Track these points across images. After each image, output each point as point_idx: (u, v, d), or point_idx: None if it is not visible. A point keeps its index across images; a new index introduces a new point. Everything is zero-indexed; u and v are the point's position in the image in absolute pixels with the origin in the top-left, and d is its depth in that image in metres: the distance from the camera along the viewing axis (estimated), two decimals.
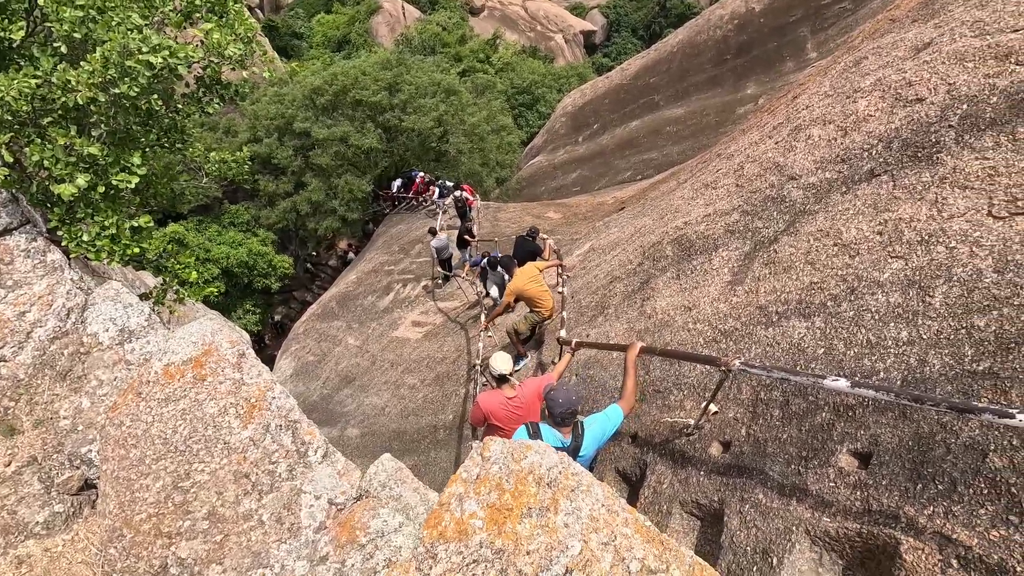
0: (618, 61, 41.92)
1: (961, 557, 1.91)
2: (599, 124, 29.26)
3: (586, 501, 1.19)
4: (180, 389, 2.82)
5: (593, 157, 27.59)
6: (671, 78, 26.74)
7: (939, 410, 1.88)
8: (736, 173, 5.76)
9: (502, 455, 1.30)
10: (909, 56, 4.62)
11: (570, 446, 3.00)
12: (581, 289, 7.60)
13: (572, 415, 3.01)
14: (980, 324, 2.46)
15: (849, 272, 3.29)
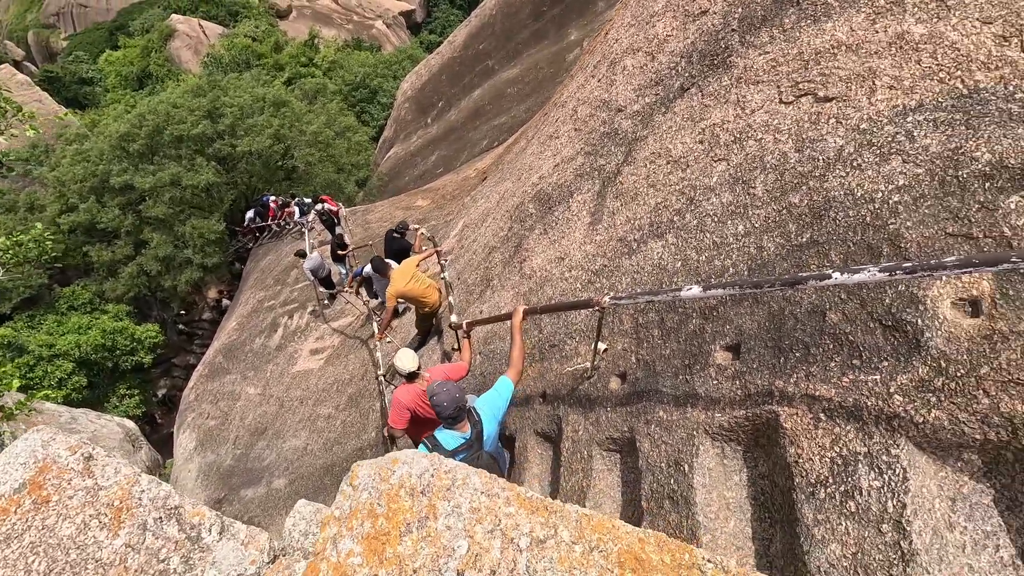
0: (444, 35, 41.49)
1: (826, 410, 2.13)
2: (443, 101, 28.95)
3: (464, 495, 1.14)
4: (21, 522, 2.39)
5: (447, 135, 27.34)
6: (498, 41, 26.94)
7: (774, 289, 2.04)
8: (572, 118, 5.92)
9: (370, 478, 1.20)
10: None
11: (472, 436, 2.99)
12: (465, 268, 7.55)
13: (461, 410, 3.02)
14: (796, 201, 2.71)
15: (685, 185, 3.50)
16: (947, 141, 2.33)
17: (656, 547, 1.10)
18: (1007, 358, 1.79)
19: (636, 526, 2.70)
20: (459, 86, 28.30)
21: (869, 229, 2.33)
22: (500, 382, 3.25)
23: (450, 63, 29.38)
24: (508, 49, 26.50)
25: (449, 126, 27.54)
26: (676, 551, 1.10)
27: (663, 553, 1.09)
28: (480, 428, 3.08)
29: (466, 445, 3.04)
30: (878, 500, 1.88)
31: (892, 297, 2.11)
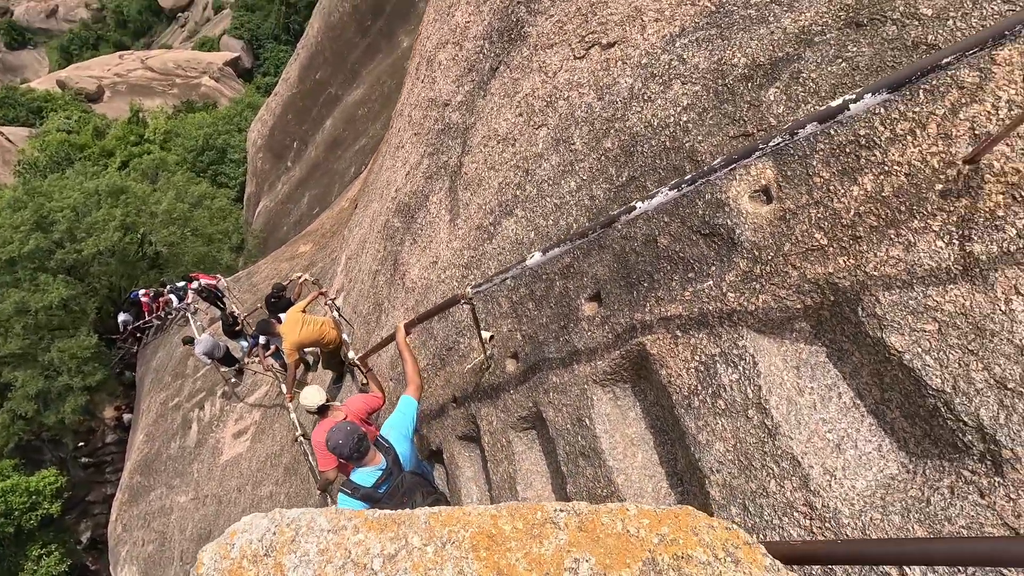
0: (279, 74, 39.76)
1: (680, 326, 2.27)
2: (297, 141, 27.84)
3: (311, 540, 1.09)
4: None
5: (312, 173, 26.34)
6: (333, 66, 26.25)
7: (596, 232, 2.14)
8: (410, 124, 5.88)
9: (213, 561, 1.12)
10: None
11: (388, 464, 2.93)
12: (357, 299, 7.34)
13: (361, 442, 2.93)
14: (609, 145, 2.86)
15: (518, 159, 3.59)
16: (711, 55, 2.54)
17: (508, 518, 1.11)
18: (800, 231, 1.99)
19: (559, 495, 2.74)
20: (308, 121, 27.32)
21: (671, 152, 2.50)
22: (402, 401, 3.20)
23: (292, 101, 28.26)
24: (346, 72, 25.90)
25: (311, 164, 26.54)
26: (527, 513, 1.13)
27: (515, 521, 1.11)
28: (394, 453, 3.02)
29: (385, 474, 2.97)
30: (739, 391, 2.03)
31: (703, 208, 2.28)
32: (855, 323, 1.85)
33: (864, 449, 1.80)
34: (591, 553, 1.02)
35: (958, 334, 1.61)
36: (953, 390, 1.58)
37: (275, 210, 27.64)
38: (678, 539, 1.06)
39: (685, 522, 1.12)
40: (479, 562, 1.01)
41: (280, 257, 17.99)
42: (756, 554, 1.07)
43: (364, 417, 4.12)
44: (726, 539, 1.09)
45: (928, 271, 1.70)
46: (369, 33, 24.92)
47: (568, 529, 1.07)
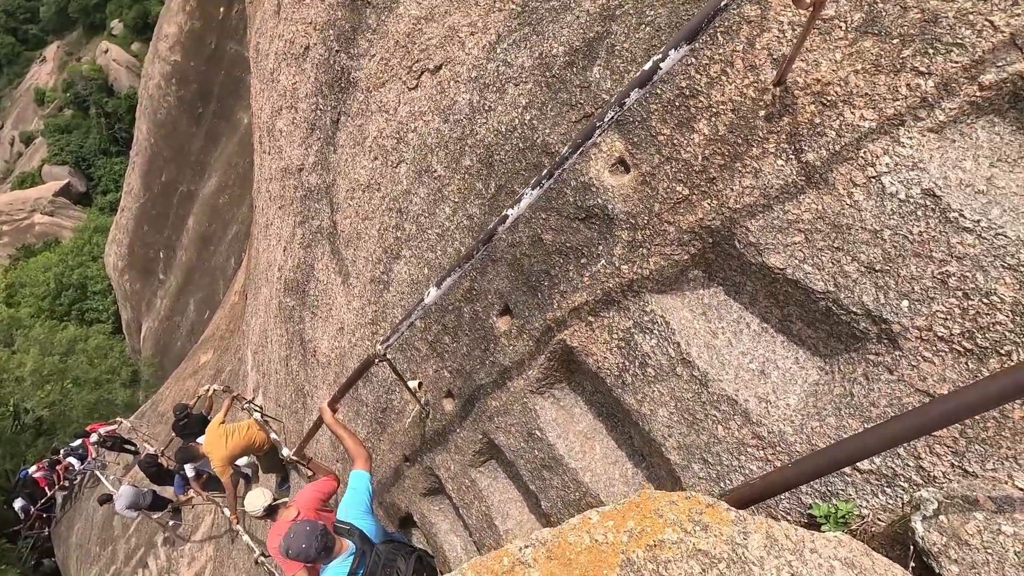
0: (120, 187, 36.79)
1: (590, 312, 2.30)
2: (163, 250, 25.89)
3: None
4: None
5: (190, 278, 24.57)
6: (176, 163, 24.74)
7: (480, 251, 2.11)
8: (272, 199, 5.62)
9: None
10: (275, 18, 4.90)
11: (357, 547, 2.71)
12: (277, 391, 6.87)
13: (324, 538, 2.69)
14: (468, 163, 2.86)
15: (388, 201, 3.51)
16: (532, 52, 2.61)
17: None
18: (663, 189, 2.08)
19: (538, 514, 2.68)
20: (168, 227, 25.52)
21: (526, 152, 2.54)
22: (352, 477, 2.99)
23: (143, 211, 26.28)
24: (192, 165, 24.50)
25: (186, 269, 24.76)
26: (493, 565, 1.06)
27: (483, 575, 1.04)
28: (358, 531, 2.80)
29: (357, 557, 2.74)
30: (662, 353, 2.08)
31: (572, 195, 2.33)
32: (737, 256, 1.95)
33: (785, 366, 1.89)
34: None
35: (822, 237, 1.73)
36: (836, 287, 1.70)
37: (161, 328, 25.46)
38: (645, 528, 1.04)
39: (647, 507, 1.10)
40: None
41: (183, 375, 16.56)
42: (720, 512, 1.07)
43: (319, 507, 3.81)
44: (689, 509, 1.08)
45: (779, 189, 1.82)
46: (203, 120, 23.77)
47: (538, 563, 1.02)
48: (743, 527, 1.05)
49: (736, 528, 1.04)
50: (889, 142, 1.64)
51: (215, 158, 23.94)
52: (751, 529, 1.05)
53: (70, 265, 33.29)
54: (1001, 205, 1.49)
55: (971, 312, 1.47)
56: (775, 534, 1.05)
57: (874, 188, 1.63)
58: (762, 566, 0.97)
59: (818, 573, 0.98)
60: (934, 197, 1.54)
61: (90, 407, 19.33)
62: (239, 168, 22.73)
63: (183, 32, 23.85)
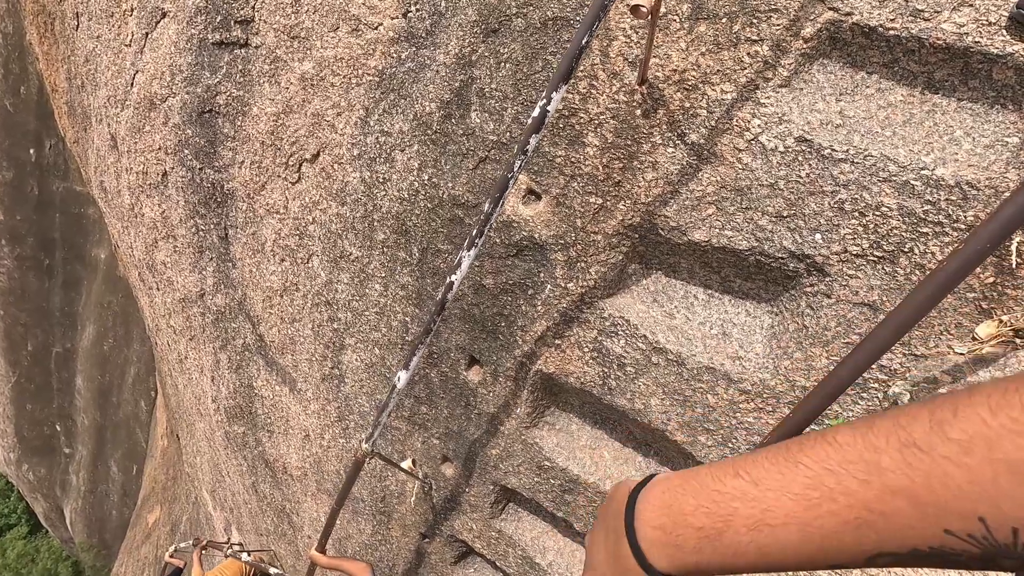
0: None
1: (555, 336, 2.38)
2: (57, 422, 23.18)
3: None
4: None
5: (100, 439, 22.16)
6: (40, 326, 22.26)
7: (436, 322, 2.13)
8: (177, 333, 5.24)
9: None
10: (113, 153, 4.58)
11: None
12: (254, 521, 6.40)
13: None
14: (382, 237, 2.85)
15: (311, 297, 3.41)
16: (405, 116, 2.66)
17: None
18: (578, 204, 2.20)
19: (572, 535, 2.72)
20: (55, 395, 22.88)
21: (438, 210, 2.58)
22: None
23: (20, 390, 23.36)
24: (58, 322, 22.15)
25: (94, 431, 22.30)
26: None
27: None
28: None
29: None
30: (634, 349, 2.20)
31: (497, 236, 2.40)
32: (665, 241, 2.11)
33: (740, 321, 2.08)
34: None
35: (730, 203, 1.92)
36: (758, 241, 1.89)
37: (87, 505, 22.76)
38: None
39: None
40: None
41: (133, 545, 14.93)
42: None
43: None
44: None
45: (679, 174, 2.00)
46: (55, 271, 21.58)
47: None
48: None
49: None
50: (753, 106, 1.85)
51: (82, 306, 21.76)
52: None
53: None
54: (858, 131, 1.73)
55: (871, 226, 1.70)
56: None
57: (756, 149, 1.84)
58: None
59: None
60: (806, 141, 1.76)
61: None
62: (114, 307, 20.82)
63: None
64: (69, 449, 23.48)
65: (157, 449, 16.10)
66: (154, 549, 12.65)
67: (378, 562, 4.26)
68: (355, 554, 4.44)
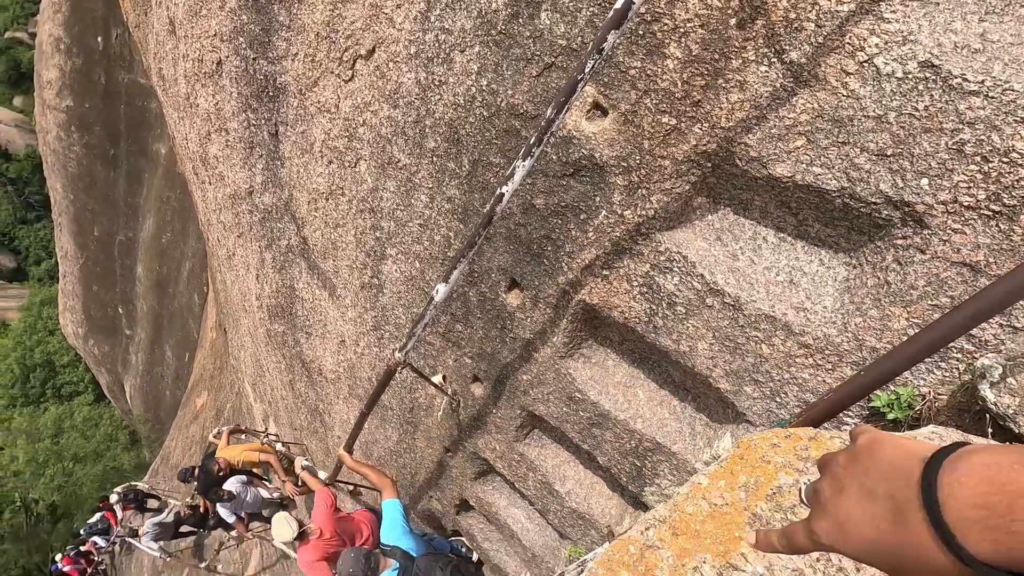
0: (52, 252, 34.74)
1: (603, 266, 2.25)
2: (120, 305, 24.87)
3: None
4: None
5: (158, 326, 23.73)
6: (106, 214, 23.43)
7: (481, 237, 2.02)
8: (226, 229, 5.35)
9: None
10: (171, 39, 4.52)
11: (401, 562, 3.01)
12: (289, 416, 6.78)
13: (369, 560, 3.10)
14: (433, 144, 2.72)
15: (356, 203, 3.35)
16: (469, 13, 2.44)
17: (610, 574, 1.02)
18: (648, 124, 2.00)
19: (594, 468, 2.71)
20: (118, 281, 24.42)
21: (493, 119, 2.41)
22: (384, 507, 3.36)
23: (87, 272, 25.03)
24: (122, 212, 23.24)
25: (151, 318, 23.87)
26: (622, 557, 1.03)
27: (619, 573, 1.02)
28: (399, 550, 3.06)
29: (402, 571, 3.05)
30: (688, 288, 2.06)
31: (554, 153, 2.23)
32: (741, 174, 1.90)
33: (812, 271, 1.89)
34: (702, 551, 0.96)
35: (824, 135, 1.69)
36: (850, 182, 1.67)
37: (145, 383, 24.76)
38: (758, 479, 1.03)
39: (751, 457, 1.09)
40: None
41: (183, 424, 16.25)
42: (824, 443, 1.06)
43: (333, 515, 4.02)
44: (794, 447, 1.07)
45: (769, 97, 1.76)
46: (120, 162, 22.39)
47: (666, 543, 1.01)
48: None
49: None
50: (873, 21, 1.58)
51: (144, 198, 22.68)
52: None
53: (28, 346, 31.80)
54: (1001, 59, 1.46)
55: (993, 175, 1.46)
56: None
57: (868, 73, 1.59)
58: None
59: None
60: (932, 68, 1.50)
61: (99, 479, 18.92)
62: (172, 202, 21.61)
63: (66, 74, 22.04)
64: (130, 331, 25.31)
65: (207, 340, 17.12)
66: (200, 429, 13.73)
67: (401, 469, 4.44)
68: (380, 459, 4.64)
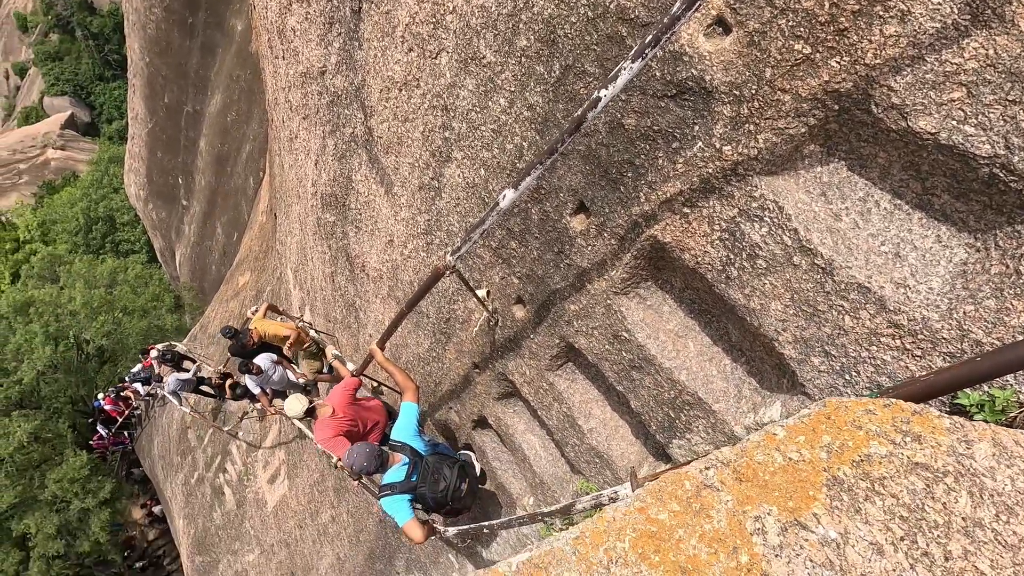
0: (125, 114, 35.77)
1: (685, 203, 2.08)
2: (181, 175, 25.66)
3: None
4: None
5: (213, 201, 24.52)
6: (176, 83, 23.75)
7: (567, 144, 1.87)
8: (293, 109, 5.28)
9: None
10: None
11: (410, 458, 3.26)
12: (326, 307, 6.95)
13: (381, 456, 3.26)
14: (524, 44, 2.51)
15: (429, 98, 3.19)
16: None
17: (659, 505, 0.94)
18: (776, 49, 1.76)
19: (622, 411, 2.64)
20: (181, 151, 25.09)
21: (597, 22, 2.19)
22: (403, 408, 3.45)
23: (153, 137, 25.77)
24: (193, 83, 23.50)
25: (208, 192, 24.62)
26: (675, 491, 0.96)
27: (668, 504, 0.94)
28: (409, 448, 3.32)
29: (411, 465, 3.27)
30: (775, 242, 1.88)
31: (659, 68, 2.01)
32: (871, 123, 1.67)
33: (924, 247, 1.69)
34: (767, 503, 0.87)
35: (991, 89, 1.44)
36: (1007, 150, 1.44)
37: (194, 254, 25.91)
38: (846, 442, 0.92)
39: (840, 419, 0.98)
40: (656, 570, 0.85)
41: (224, 298, 17.06)
42: (932, 420, 0.93)
43: (350, 401, 4.20)
44: (893, 418, 0.95)
45: (934, 35, 1.50)
46: (196, 31, 22.39)
47: (727, 486, 0.92)
48: (963, 435, 0.92)
49: (955, 436, 0.91)
50: None
51: (215, 73, 22.77)
52: (974, 437, 0.92)
53: (94, 199, 33.45)
54: None
55: None
56: (1003, 440, 0.92)
57: None
58: (994, 477, 0.86)
59: None
60: None
61: (143, 334, 20.28)
62: (241, 81, 21.65)
63: None
64: (186, 202, 26.25)
65: (256, 223, 17.63)
66: (239, 306, 14.38)
67: (426, 376, 4.51)
68: (407, 363, 4.71)
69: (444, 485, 3.20)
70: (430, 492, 3.18)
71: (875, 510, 0.84)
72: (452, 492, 3.21)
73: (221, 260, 24.08)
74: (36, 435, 17.97)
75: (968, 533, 0.83)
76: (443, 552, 5.32)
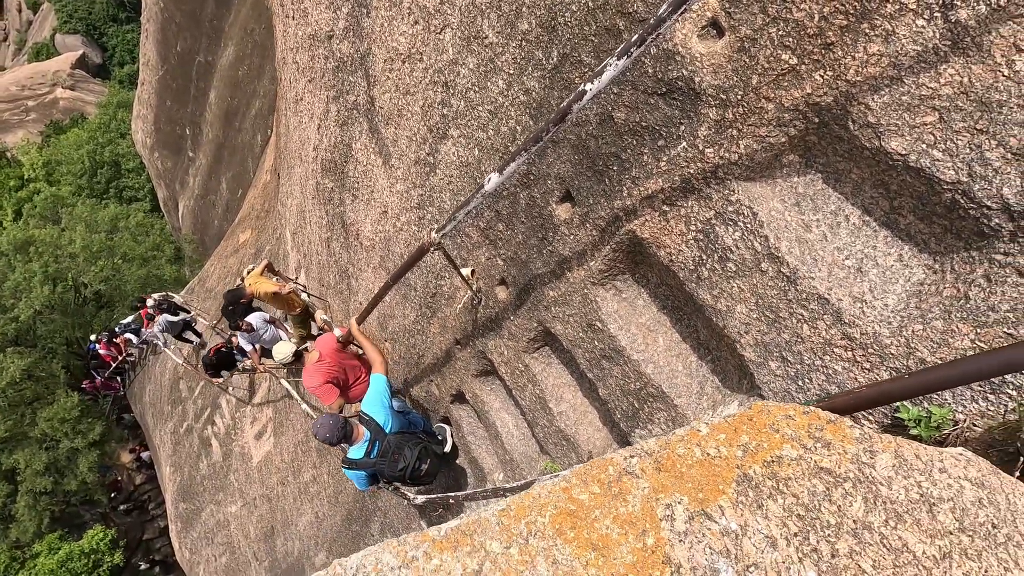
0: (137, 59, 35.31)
1: (665, 201, 2.12)
2: (188, 126, 25.47)
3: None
4: None
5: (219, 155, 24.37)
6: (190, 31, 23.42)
7: (551, 132, 1.90)
8: (299, 71, 5.26)
9: None
10: None
11: (371, 435, 3.22)
12: (320, 272, 7.01)
13: (344, 428, 3.31)
14: (526, 27, 2.52)
15: (431, 73, 3.20)
16: None
17: (581, 485, 1.02)
18: (764, 57, 1.78)
19: (592, 398, 2.71)
20: (191, 101, 24.85)
21: (597, 13, 2.20)
22: (372, 380, 3.57)
23: (164, 85, 25.51)
24: (207, 33, 23.17)
25: (214, 146, 24.48)
26: (598, 474, 1.03)
27: (590, 487, 1.01)
28: (374, 424, 3.39)
29: (371, 444, 3.37)
30: (746, 247, 1.93)
31: (652, 65, 2.03)
32: (847, 139, 1.71)
33: (885, 264, 1.74)
34: (680, 492, 0.94)
35: (962, 116, 1.48)
36: (970, 177, 1.48)
37: (197, 206, 25.87)
38: (761, 443, 0.98)
39: (760, 421, 1.04)
40: (569, 545, 0.92)
41: (224, 253, 17.10)
42: (843, 430, 1.00)
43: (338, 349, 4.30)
44: (808, 424, 1.01)
45: (915, 57, 1.53)
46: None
47: (647, 475, 0.99)
48: (869, 445, 0.98)
49: (861, 446, 0.97)
50: None
51: (229, 24, 22.45)
52: (878, 448, 0.98)
53: (100, 143, 33.21)
54: None
55: None
56: (904, 453, 0.98)
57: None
58: (890, 486, 0.92)
59: (948, 493, 0.93)
60: None
61: (141, 282, 20.39)
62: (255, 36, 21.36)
63: None
64: (192, 154, 26.10)
65: (260, 181, 17.59)
66: (238, 263, 14.44)
67: (411, 348, 4.59)
68: (393, 333, 4.79)
69: (403, 465, 3.35)
70: (388, 470, 3.36)
71: (776, 507, 0.90)
72: (411, 472, 3.36)
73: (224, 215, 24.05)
74: (29, 372, 18.19)
75: (856, 535, 0.89)
76: (415, 519, 5.47)
